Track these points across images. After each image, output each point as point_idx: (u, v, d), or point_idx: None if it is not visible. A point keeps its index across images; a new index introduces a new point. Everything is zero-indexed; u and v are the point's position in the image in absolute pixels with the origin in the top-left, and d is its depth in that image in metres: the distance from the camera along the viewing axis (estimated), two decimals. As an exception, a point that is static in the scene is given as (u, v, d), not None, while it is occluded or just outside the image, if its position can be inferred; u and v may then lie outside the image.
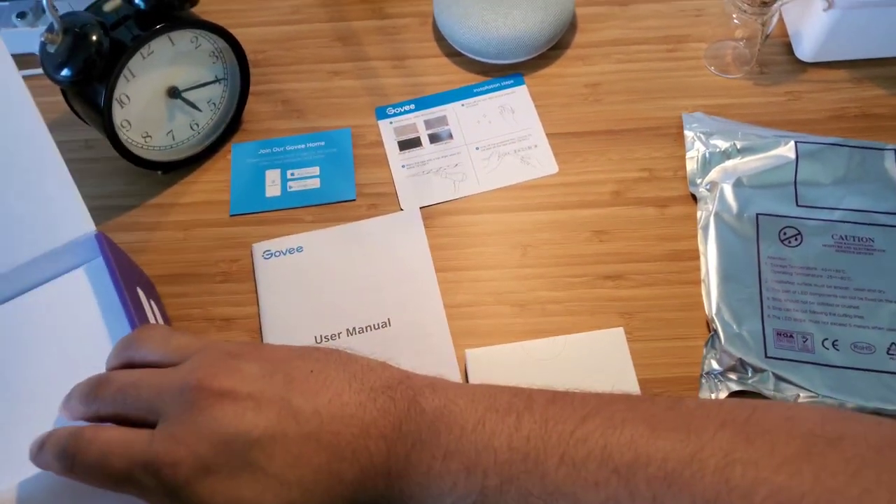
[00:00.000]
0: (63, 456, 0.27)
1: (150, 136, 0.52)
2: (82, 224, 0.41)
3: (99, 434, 0.28)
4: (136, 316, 0.37)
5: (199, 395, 0.26)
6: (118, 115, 0.48)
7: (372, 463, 0.26)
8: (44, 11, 0.59)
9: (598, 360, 0.42)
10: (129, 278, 0.42)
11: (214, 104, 0.54)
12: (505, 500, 0.24)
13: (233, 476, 0.25)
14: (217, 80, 0.53)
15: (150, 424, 0.28)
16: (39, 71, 0.47)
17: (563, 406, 0.25)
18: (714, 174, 0.50)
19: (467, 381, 0.42)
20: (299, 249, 0.50)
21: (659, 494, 0.22)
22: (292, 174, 0.54)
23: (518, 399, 0.26)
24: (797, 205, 0.48)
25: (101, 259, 0.41)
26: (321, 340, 0.46)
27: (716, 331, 0.44)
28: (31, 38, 0.58)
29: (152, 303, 0.44)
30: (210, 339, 0.33)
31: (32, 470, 0.29)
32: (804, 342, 0.43)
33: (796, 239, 0.47)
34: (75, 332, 0.38)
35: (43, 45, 0.45)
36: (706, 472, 0.21)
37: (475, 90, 0.56)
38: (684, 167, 0.51)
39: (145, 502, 0.27)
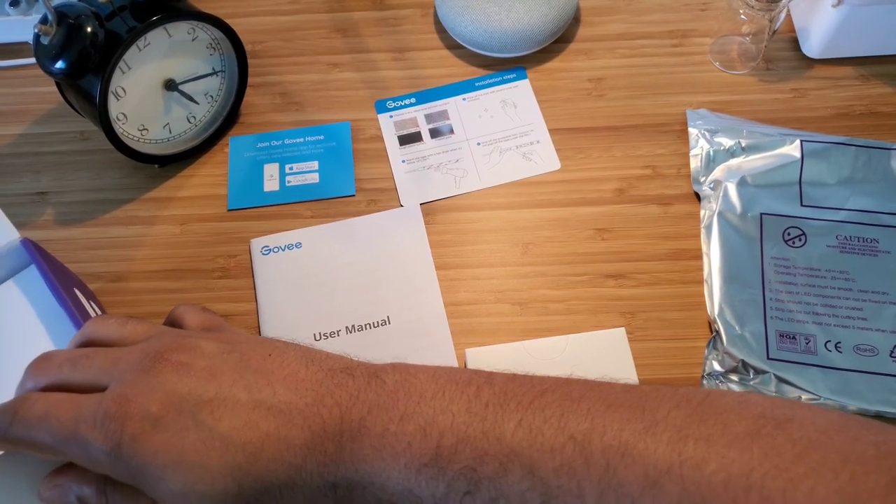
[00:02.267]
0: (4, 412, 0.27)
1: (147, 129, 0.51)
2: (6, 233, 0.40)
3: (46, 395, 0.27)
4: (80, 317, 0.36)
5: (156, 362, 0.27)
6: (114, 107, 0.48)
7: (324, 428, 0.25)
8: (37, 0, 0.57)
9: (599, 361, 0.42)
10: (64, 281, 0.41)
11: (212, 96, 0.53)
12: (459, 459, 0.24)
13: (179, 435, 0.25)
14: (214, 72, 0.52)
15: (99, 390, 0.27)
16: (32, 60, 0.46)
17: (523, 382, 0.26)
18: (718, 172, 0.49)
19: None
20: (298, 245, 0.49)
21: (613, 463, 0.22)
22: (291, 168, 0.53)
23: (478, 376, 0.26)
24: (802, 205, 0.47)
25: (33, 267, 0.40)
26: (320, 338, 0.45)
27: (718, 331, 0.44)
28: (24, 26, 0.57)
29: (92, 304, 0.43)
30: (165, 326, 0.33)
31: None
32: (807, 344, 0.43)
33: (800, 239, 0.46)
34: (18, 345, 0.36)
35: (37, 37, 0.44)
36: (660, 444, 0.22)
37: (477, 84, 0.56)
38: (688, 165, 0.51)
39: (84, 464, 0.27)
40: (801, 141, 0.49)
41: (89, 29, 0.44)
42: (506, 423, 0.24)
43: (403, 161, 0.53)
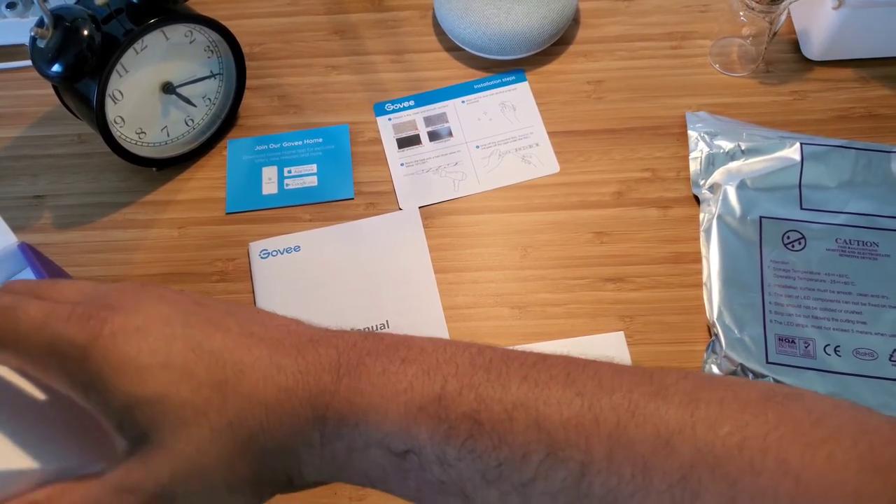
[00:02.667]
0: None
1: (144, 133, 0.51)
2: (3, 237, 0.40)
3: (12, 292, 0.24)
4: None
5: (142, 287, 0.25)
6: (111, 111, 0.47)
7: (319, 361, 0.24)
8: (33, 1, 0.57)
9: (598, 366, 0.42)
10: None
11: (210, 99, 0.53)
12: (463, 403, 0.22)
13: (166, 342, 0.23)
14: (212, 75, 0.52)
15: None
16: (29, 63, 0.46)
17: (524, 352, 0.25)
18: (717, 175, 0.49)
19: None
20: (297, 249, 0.49)
21: (623, 420, 0.21)
22: (289, 171, 0.53)
23: (478, 343, 0.26)
24: (801, 208, 0.47)
25: (28, 270, 0.40)
26: (318, 343, 0.45)
27: (717, 335, 0.44)
28: (20, 28, 0.57)
29: None
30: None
31: None
32: (806, 348, 0.43)
33: (800, 243, 0.46)
34: None
35: (33, 40, 0.44)
36: (670, 406, 0.21)
37: (476, 86, 0.55)
38: (687, 168, 0.50)
39: (37, 367, 0.23)
40: (801, 144, 0.49)
41: (86, 32, 0.43)
42: (511, 377, 0.23)
43: (402, 164, 0.52)
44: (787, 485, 0.19)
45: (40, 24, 0.43)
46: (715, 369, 0.43)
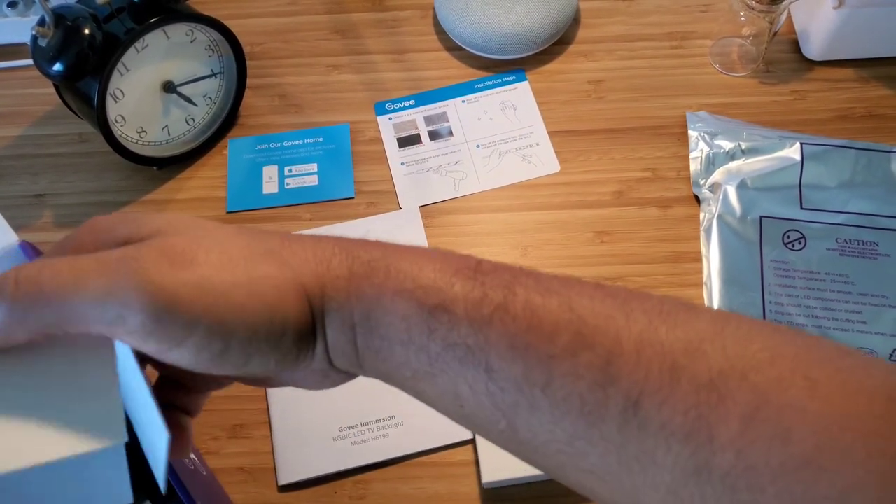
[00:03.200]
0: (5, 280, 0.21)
1: (145, 132, 0.51)
2: (3, 236, 0.40)
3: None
4: None
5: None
6: (112, 110, 0.47)
7: (350, 244, 0.24)
8: (35, 0, 0.57)
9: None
10: None
11: (210, 98, 0.53)
12: (499, 276, 0.22)
13: (223, 245, 0.23)
14: (213, 74, 0.52)
15: None
16: (30, 62, 0.46)
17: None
18: (718, 175, 0.49)
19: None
20: (297, 248, 0.49)
21: (654, 322, 0.21)
22: (290, 171, 0.53)
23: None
24: (801, 207, 0.47)
25: None
26: (319, 341, 0.45)
27: (717, 335, 0.44)
28: (21, 27, 0.57)
29: None
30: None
31: None
32: (806, 347, 0.43)
33: (800, 242, 0.46)
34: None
35: (34, 39, 0.44)
36: (701, 318, 0.21)
37: (476, 86, 0.56)
38: (687, 167, 0.51)
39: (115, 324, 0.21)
40: (801, 144, 0.49)
41: (87, 31, 0.43)
42: (542, 275, 0.23)
43: (403, 163, 0.52)
44: (815, 404, 0.19)
45: (41, 22, 0.43)
46: (715, 368, 0.43)
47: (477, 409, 0.23)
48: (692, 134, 0.51)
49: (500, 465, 0.40)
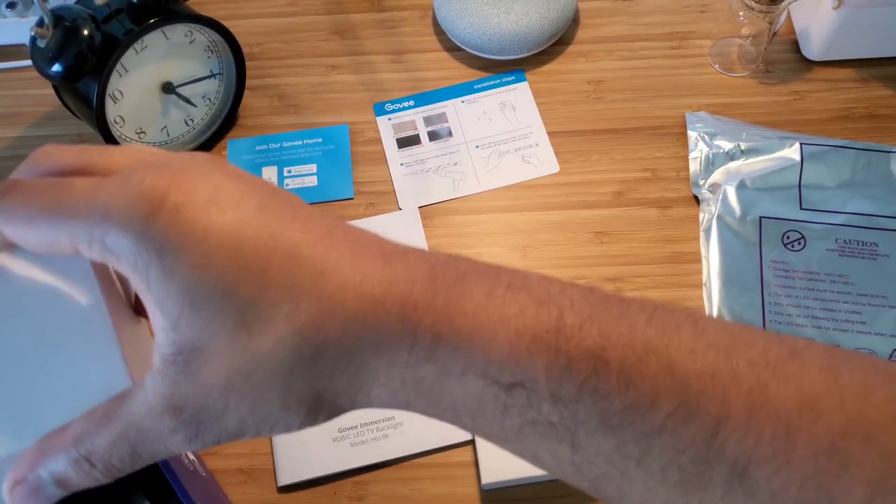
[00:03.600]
0: None
1: (145, 132, 0.51)
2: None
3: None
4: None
5: (207, 156, 0.21)
6: (111, 110, 0.47)
7: (408, 272, 0.20)
8: (34, 1, 0.57)
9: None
10: None
11: (210, 99, 0.53)
12: (586, 337, 0.19)
13: (238, 224, 0.19)
14: (212, 75, 0.52)
15: None
16: (29, 63, 0.46)
17: (636, 297, 0.21)
18: (717, 175, 0.49)
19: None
20: (296, 249, 0.49)
21: (763, 379, 0.19)
22: (289, 171, 0.53)
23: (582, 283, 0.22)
24: (801, 208, 0.47)
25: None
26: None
27: (717, 335, 0.44)
28: (20, 28, 0.57)
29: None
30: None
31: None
32: (806, 348, 0.43)
33: (799, 243, 0.46)
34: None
35: (33, 39, 0.44)
36: (811, 368, 0.19)
37: (475, 86, 0.55)
38: (687, 168, 0.50)
39: (82, 243, 0.19)
40: (801, 144, 0.49)
41: (86, 32, 0.43)
42: (635, 317, 0.20)
43: (402, 164, 0.52)
44: None
45: (40, 23, 0.43)
46: (714, 369, 0.43)
47: (557, 471, 0.21)
48: (691, 134, 0.51)
49: (500, 467, 0.40)
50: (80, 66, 0.44)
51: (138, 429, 0.19)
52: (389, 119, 0.54)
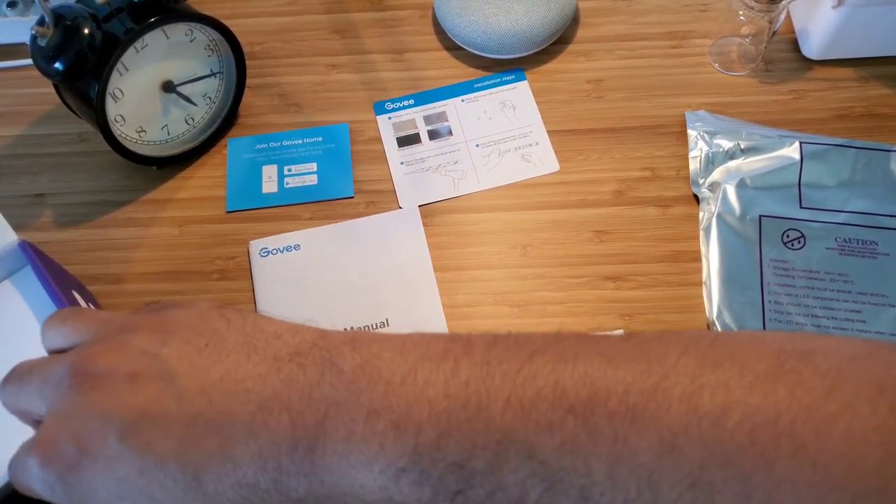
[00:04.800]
0: None
1: (145, 131, 0.51)
2: (3, 235, 0.40)
3: None
4: None
5: (75, 381, 0.24)
6: (111, 109, 0.48)
7: (273, 440, 0.22)
8: (34, 0, 0.57)
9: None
10: (62, 283, 0.40)
11: (210, 98, 0.53)
12: (444, 456, 0.20)
13: (110, 466, 0.23)
14: (212, 74, 0.52)
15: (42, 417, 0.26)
16: (30, 61, 0.46)
17: (507, 347, 0.22)
18: (717, 174, 0.49)
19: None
20: (297, 247, 0.49)
21: (622, 432, 0.19)
22: (289, 170, 0.53)
23: (455, 344, 0.22)
24: (801, 207, 0.47)
25: (29, 269, 0.40)
26: (318, 341, 0.45)
27: (717, 334, 0.44)
28: (21, 27, 0.57)
29: (90, 305, 0.43)
30: (124, 313, 0.29)
31: None
32: (805, 346, 0.43)
33: (799, 242, 0.46)
34: (14, 345, 0.36)
35: (34, 38, 0.44)
36: (672, 401, 0.19)
37: (475, 85, 0.56)
38: (687, 166, 0.51)
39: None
40: (801, 143, 0.49)
41: (86, 31, 0.43)
42: (493, 404, 0.20)
43: (402, 163, 0.52)
44: (804, 472, 0.18)
45: (41, 22, 0.44)
46: (714, 368, 0.43)
47: None
48: (691, 133, 0.51)
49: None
50: (81, 64, 0.44)
51: None
52: (389, 118, 0.54)
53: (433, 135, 0.54)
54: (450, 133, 0.54)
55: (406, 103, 0.55)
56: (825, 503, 0.17)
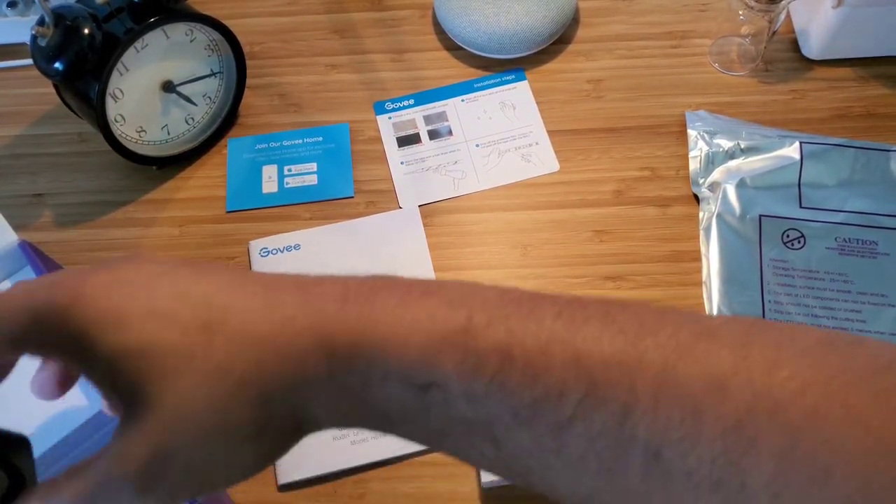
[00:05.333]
0: None
1: (145, 131, 0.51)
2: (3, 235, 0.40)
3: None
4: None
5: (128, 256, 0.23)
6: (111, 109, 0.48)
7: (322, 293, 0.21)
8: (34, 0, 0.57)
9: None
10: None
11: (210, 98, 0.53)
12: (493, 335, 0.20)
13: (147, 287, 0.21)
14: (213, 74, 0.52)
15: None
16: (30, 61, 0.46)
17: (554, 293, 0.22)
18: (717, 174, 0.49)
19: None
20: (297, 247, 0.49)
21: (671, 361, 0.19)
22: (289, 170, 0.53)
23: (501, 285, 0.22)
24: (801, 206, 0.47)
25: (29, 268, 0.40)
26: (318, 341, 0.45)
27: (717, 334, 0.44)
28: (21, 27, 0.57)
29: None
30: None
31: None
32: (805, 346, 0.43)
33: (799, 241, 0.46)
34: None
35: (34, 38, 0.44)
36: (722, 347, 0.19)
37: (475, 85, 0.56)
38: (687, 166, 0.51)
39: (50, 353, 0.22)
40: (800, 142, 0.49)
41: (86, 31, 0.43)
42: (544, 312, 0.20)
43: (402, 162, 0.52)
44: (856, 434, 0.17)
45: (41, 22, 0.44)
46: (714, 367, 0.43)
47: (490, 468, 0.22)
48: (691, 133, 0.51)
49: (500, 464, 0.40)
50: (81, 64, 0.44)
51: (98, 487, 0.21)
52: (389, 118, 0.54)
53: (433, 135, 0.54)
54: (450, 133, 0.54)
55: (406, 103, 0.55)
56: (877, 467, 0.17)
